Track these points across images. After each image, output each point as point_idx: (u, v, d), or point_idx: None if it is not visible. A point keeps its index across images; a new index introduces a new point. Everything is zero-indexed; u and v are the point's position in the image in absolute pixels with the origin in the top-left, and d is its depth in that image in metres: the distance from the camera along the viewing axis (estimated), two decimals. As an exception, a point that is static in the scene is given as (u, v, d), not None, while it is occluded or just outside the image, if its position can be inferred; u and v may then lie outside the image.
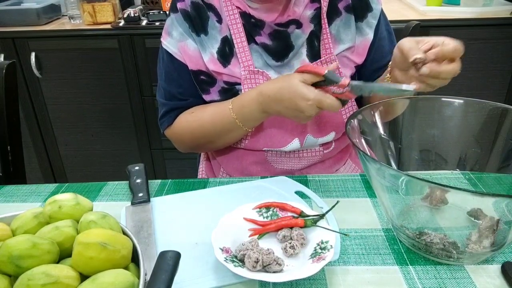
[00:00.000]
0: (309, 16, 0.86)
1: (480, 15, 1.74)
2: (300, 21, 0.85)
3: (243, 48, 0.85)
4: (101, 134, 1.97)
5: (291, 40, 0.86)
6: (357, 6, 0.87)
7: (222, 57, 0.87)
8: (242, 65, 0.85)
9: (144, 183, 0.79)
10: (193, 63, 0.88)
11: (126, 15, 1.75)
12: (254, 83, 0.86)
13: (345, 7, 0.87)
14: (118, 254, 0.49)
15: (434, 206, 0.67)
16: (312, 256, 0.59)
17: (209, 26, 0.87)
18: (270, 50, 0.86)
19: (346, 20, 0.87)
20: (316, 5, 0.86)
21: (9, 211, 0.59)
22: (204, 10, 0.87)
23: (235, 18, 0.85)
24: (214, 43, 0.87)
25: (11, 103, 1.06)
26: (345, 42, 0.87)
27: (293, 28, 0.85)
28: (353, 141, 0.61)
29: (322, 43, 0.87)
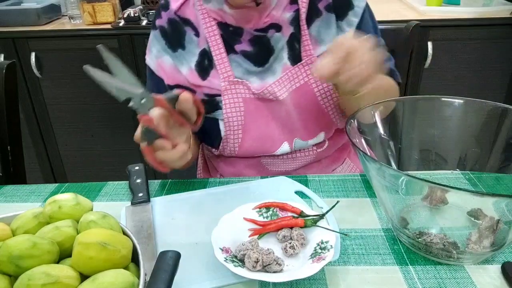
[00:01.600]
0: (288, 18, 0.85)
1: (480, 15, 1.74)
2: (280, 24, 0.84)
3: (222, 59, 0.85)
4: (101, 134, 1.97)
5: (271, 44, 0.85)
6: (338, 4, 0.86)
7: (200, 70, 0.87)
8: (222, 76, 0.85)
9: (144, 183, 0.79)
10: (170, 79, 0.89)
11: (126, 15, 1.75)
12: (234, 93, 0.85)
13: (325, 7, 0.86)
14: (118, 254, 0.49)
15: (434, 206, 0.67)
16: (312, 256, 0.59)
17: (186, 41, 0.88)
18: (250, 57, 0.86)
19: (326, 20, 0.86)
20: (295, 7, 0.85)
21: (9, 211, 0.59)
22: (180, 25, 0.88)
23: (213, 30, 0.85)
24: (192, 56, 0.87)
25: (11, 103, 1.06)
26: (326, 42, 0.86)
27: (273, 32, 0.85)
28: (353, 141, 0.61)
29: (302, 45, 0.85)
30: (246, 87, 0.85)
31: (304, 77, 0.86)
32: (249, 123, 0.87)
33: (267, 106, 0.87)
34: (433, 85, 1.84)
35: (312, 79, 0.86)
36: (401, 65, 1.10)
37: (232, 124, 0.86)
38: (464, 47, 1.78)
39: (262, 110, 0.87)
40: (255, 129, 0.87)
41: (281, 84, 0.85)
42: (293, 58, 0.86)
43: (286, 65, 0.86)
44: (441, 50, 1.75)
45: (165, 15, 0.89)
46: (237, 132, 0.87)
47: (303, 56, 0.86)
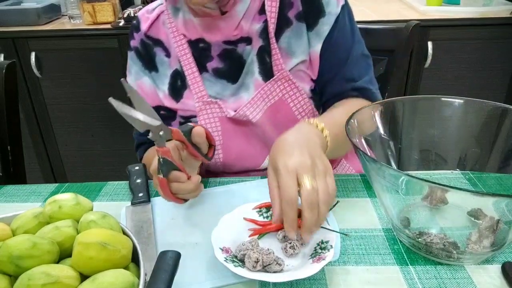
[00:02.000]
0: (258, 30, 0.81)
1: (480, 15, 1.74)
2: (250, 37, 0.81)
3: (195, 79, 0.84)
4: (101, 134, 1.97)
5: (243, 59, 0.82)
6: (308, 12, 0.80)
7: (173, 92, 0.86)
8: (196, 96, 0.84)
9: (144, 183, 0.79)
10: (151, 100, 0.88)
11: (126, 15, 1.75)
12: (209, 113, 0.84)
13: (296, 15, 0.80)
14: (118, 254, 0.49)
15: (434, 206, 0.67)
16: (312, 256, 0.59)
17: (158, 63, 0.87)
18: (223, 74, 0.84)
19: (297, 30, 0.81)
20: (264, 17, 0.80)
21: (9, 211, 0.59)
22: (151, 47, 0.87)
23: (184, 48, 0.83)
24: (164, 79, 0.86)
25: (11, 103, 1.06)
26: (297, 55, 0.81)
27: (243, 45, 0.82)
28: (353, 141, 0.61)
29: (273, 59, 0.81)
30: (220, 108, 0.83)
31: (278, 92, 0.82)
32: (228, 142, 0.85)
33: (244, 125, 0.85)
34: (433, 85, 1.84)
35: (287, 94, 0.82)
36: (401, 65, 1.10)
37: None
38: (464, 47, 1.77)
39: (240, 128, 0.85)
40: (235, 147, 0.86)
41: (254, 105, 0.82)
42: (265, 72, 0.82)
43: (257, 81, 0.82)
44: (441, 50, 1.75)
45: (137, 36, 0.88)
46: (218, 152, 0.86)
47: (274, 71, 0.82)
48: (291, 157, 0.56)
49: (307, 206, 0.54)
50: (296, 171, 0.55)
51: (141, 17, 0.89)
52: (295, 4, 0.81)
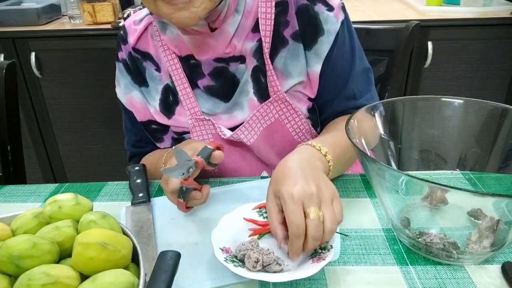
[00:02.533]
0: (251, 49, 0.77)
1: (480, 15, 1.74)
2: (243, 55, 0.77)
3: (187, 95, 0.80)
4: (101, 134, 1.97)
5: (236, 78, 0.79)
6: (305, 31, 0.76)
7: (165, 108, 0.83)
8: (189, 112, 0.81)
9: (144, 183, 0.79)
10: (141, 115, 0.86)
11: (126, 15, 1.75)
12: (203, 129, 0.82)
13: (292, 35, 0.76)
14: (118, 254, 0.49)
15: (434, 206, 0.67)
16: (312, 256, 0.59)
17: (148, 77, 0.83)
18: (215, 91, 0.81)
19: (293, 50, 0.77)
20: (258, 36, 0.76)
21: (9, 211, 0.59)
22: (140, 61, 0.83)
23: (175, 63, 0.80)
24: (155, 94, 0.83)
25: (11, 103, 1.06)
26: (294, 76, 0.78)
27: (236, 64, 0.78)
28: (353, 141, 0.61)
29: (268, 80, 0.77)
30: (214, 126, 0.81)
31: (275, 114, 0.80)
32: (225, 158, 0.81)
33: (239, 145, 0.84)
34: (433, 85, 1.84)
35: (284, 115, 0.80)
36: (401, 65, 1.10)
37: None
38: (464, 47, 1.77)
39: (234, 147, 0.84)
40: (232, 162, 0.84)
41: (249, 128, 0.80)
42: (260, 93, 0.79)
43: (253, 101, 0.80)
44: (441, 50, 1.75)
45: (124, 48, 0.85)
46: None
47: (270, 92, 0.79)
48: (295, 186, 0.55)
49: (312, 238, 0.54)
50: (302, 200, 0.54)
51: (128, 28, 0.85)
52: (291, 23, 0.76)
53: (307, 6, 0.75)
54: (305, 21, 0.76)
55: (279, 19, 0.76)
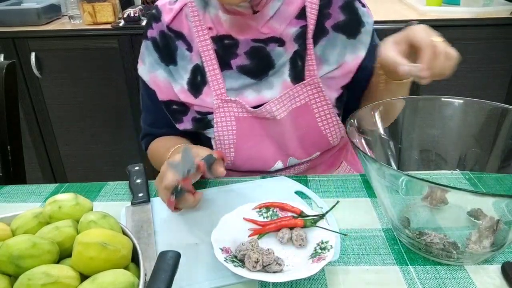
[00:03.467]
0: (293, 34, 0.82)
1: (480, 15, 1.74)
2: (282, 39, 0.82)
3: (215, 76, 0.83)
4: (101, 134, 1.97)
5: (272, 58, 0.82)
6: (347, 23, 0.82)
7: (192, 88, 0.84)
8: (215, 93, 0.83)
9: (144, 183, 0.79)
10: (164, 94, 0.87)
11: (126, 15, 1.75)
12: (227, 111, 0.83)
13: (333, 26, 0.82)
14: (118, 254, 0.49)
15: (434, 206, 0.67)
16: (312, 256, 0.59)
17: (178, 56, 0.85)
18: (247, 71, 0.83)
19: (333, 40, 0.83)
20: (302, 23, 0.82)
21: (9, 211, 0.59)
22: (172, 40, 0.85)
23: (207, 44, 0.82)
24: (184, 73, 0.85)
25: (11, 103, 1.06)
26: (330, 63, 0.83)
27: (274, 45, 0.82)
28: (353, 141, 0.61)
29: (306, 64, 0.82)
30: (240, 106, 0.83)
31: (306, 97, 0.83)
32: (242, 142, 0.85)
33: (262, 125, 0.85)
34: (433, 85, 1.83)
35: (313, 100, 0.83)
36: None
37: (224, 143, 0.85)
38: (464, 47, 1.77)
39: (256, 129, 0.85)
40: (248, 148, 0.86)
41: (281, 103, 0.83)
42: (294, 75, 0.83)
43: (286, 82, 0.83)
44: (441, 50, 1.74)
45: (156, 26, 0.86)
46: (228, 151, 0.85)
47: (306, 75, 0.83)
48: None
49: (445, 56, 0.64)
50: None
51: (162, 8, 0.87)
52: (333, 16, 0.83)
53: (351, 2, 0.83)
54: (349, 14, 0.83)
55: (322, 11, 0.82)
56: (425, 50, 0.64)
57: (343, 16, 0.83)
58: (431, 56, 0.64)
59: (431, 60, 0.64)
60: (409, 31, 0.67)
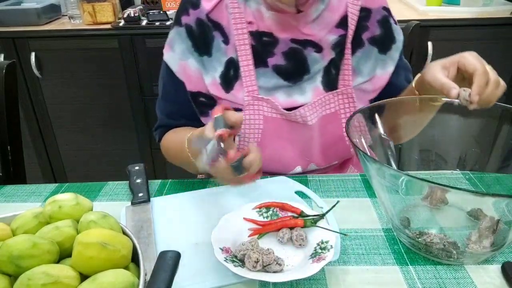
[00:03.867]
0: (331, 42, 0.82)
1: (480, 15, 1.74)
2: (321, 45, 0.81)
3: (249, 72, 0.81)
4: (101, 134, 1.97)
5: (307, 63, 0.82)
6: (382, 38, 0.84)
7: (225, 82, 0.82)
8: (246, 89, 0.81)
9: (144, 183, 0.79)
10: (193, 84, 0.84)
11: (126, 15, 1.75)
12: (256, 109, 0.82)
13: (369, 39, 0.84)
14: (118, 254, 0.49)
15: (434, 206, 0.67)
16: (312, 256, 0.59)
17: (214, 48, 0.82)
18: (282, 71, 0.82)
19: (368, 52, 0.84)
20: (341, 32, 0.82)
21: (9, 211, 0.59)
22: (209, 30, 0.82)
23: (244, 38, 0.80)
24: (218, 66, 0.82)
25: (11, 103, 1.06)
26: (363, 75, 0.84)
27: (311, 50, 0.81)
28: (353, 141, 0.61)
29: (341, 73, 0.83)
30: (271, 105, 0.82)
31: (336, 105, 0.84)
32: (265, 142, 0.84)
33: (289, 128, 0.83)
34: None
35: (343, 109, 0.84)
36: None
37: (247, 141, 0.84)
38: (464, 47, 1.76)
39: (282, 131, 0.84)
40: (271, 150, 0.84)
41: (313, 109, 0.82)
42: (326, 83, 0.83)
43: (318, 89, 0.83)
44: (441, 50, 1.75)
45: (193, 13, 0.82)
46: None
47: (340, 84, 0.83)
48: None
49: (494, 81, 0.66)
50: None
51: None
52: (370, 29, 0.84)
53: (387, 17, 0.86)
54: (385, 29, 0.85)
55: (361, 22, 0.83)
56: (479, 76, 0.66)
57: (379, 31, 0.84)
58: (484, 83, 0.66)
59: (483, 87, 0.65)
60: (461, 57, 0.69)
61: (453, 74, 0.70)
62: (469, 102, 0.66)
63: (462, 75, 0.71)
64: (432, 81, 0.70)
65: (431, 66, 0.72)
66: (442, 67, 0.71)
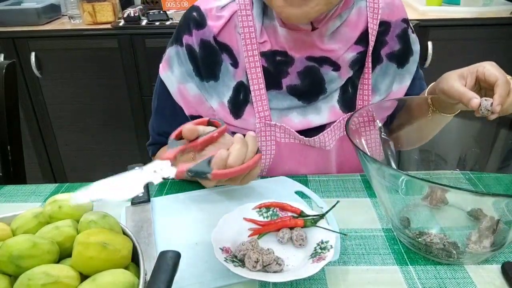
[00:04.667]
0: (349, 59, 0.77)
1: (480, 15, 1.74)
2: (338, 64, 0.77)
3: (261, 96, 0.75)
4: (101, 134, 1.97)
5: (324, 82, 0.77)
6: (401, 52, 0.81)
7: (234, 107, 0.77)
8: (258, 115, 0.76)
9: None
10: (193, 109, 0.79)
11: (126, 15, 1.75)
12: (268, 135, 0.78)
13: (388, 55, 0.80)
14: (118, 254, 0.49)
15: (434, 206, 0.67)
16: (312, 256, 0.59)
17: (222, 72, 0.76)
18: (297, 91, 0.77)
19: (385, 69, 0.80)
20: (360, 48, 0.77)
21: (9, 211, 0.59)
22: (216, 53, 0.76)
23: (255, 60, 0.74)
24: (226, 91, 0.77)
25: (11, 103, 1.06)
26: (381, 92, 0.81)
27: (328, 68, 0.77)
28: (353, 141, 0.61)
29: (359, 92, 0.79)
30: (284, 131, 0.78)
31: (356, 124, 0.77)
32: (277, 166, 0.82)
33: (304, 152, 0.81)
34: (433, 85, 1.84)
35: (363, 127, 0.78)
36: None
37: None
38: (464, 47, 1.77)
39: (295, 154, 0.81)
40: (283, 172, 0.82)
41: (332, 133, 0.80)
42: (343, 102, 0.79)
43: (334, 108, 0.79)
44: (441, 50, 1.75)
45: (196, 34, 0.76)
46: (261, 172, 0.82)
47: (358, 104, 0.80)
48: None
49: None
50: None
51: (206, 12, 0.76)
52: (389, 44, 0.80)
53: (406, 29, 0.81)
54: (403, 43, 0.81)
55: (380, 38, 0.79)
56: (501, 86, 0.65)
57: (398, 46, 0.80)
58: (506, 93, 0.65)
59: (505, 97, 0.65)
60: (479, 67, 0.69)
61: (471, 84, 0.68)
62: (491, 112, 0.64)
63: (479, 85, 0.69)
64: (449, 90, 0.68)
65: (448, 75, 0.70)
66: (459, 76, 0.69)
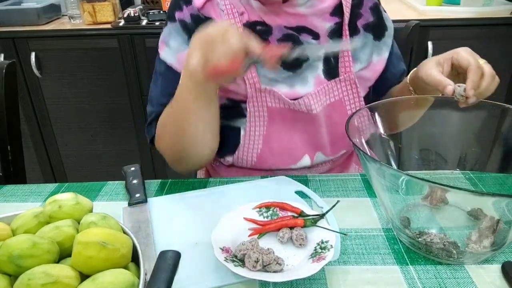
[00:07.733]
0: (328, 29, 0.82)
1: (480, 15, 1.74)
2: (316, 32, 0.82)
3: None
4: (101, 134, 1.97)
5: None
6: (375, 24, 0.86)
7: None
8: (247, 82, 0.80)
9: (141, 183, 0.79)
10: None
11: (126, 15, 1.75)
12: (260, 101, 0.82)
13: (364, 26, 0.85)
14: (118, 253, 0.49)
15: (434, 206, 0.67)
16: (312, 256, 0.59)
17: None
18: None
19: (363, 39, 0.85)
20: (337, 19, 0.83)
21: (9, 211, 0.59)
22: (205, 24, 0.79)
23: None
24: None
25: (11, 103, 1.06)
26: (361, 61, 0.85)
27: (308, 37, 0.82)
28: (353, 141, 0.61)
29: (341, 60, 0.84)
30: (275, 96, 0.81)
31: (340, 93, 0.84)
32: (272, 134, 0.84)
33: (294, 118, 0.84)
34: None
35: (347, 96, 0.85)
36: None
37: (254, 134, 0.84)
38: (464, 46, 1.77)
39: (287, 121, 0.84)
40: (277, 140, 0.84)
41: (317, 97, 0.83)
42: (328, 71, 0.84)
43: (319, 77, 0.83)
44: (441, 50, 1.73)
45: (186, 9, 0.83)
46: (257, 143, 0.84)
47: (340, 71, 0.84)
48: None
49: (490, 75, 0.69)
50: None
51: None
52: (364, 16, 0.86)
53: (377, 5, 0.88)
54: (377, 16, 0.87)
55: (354, 10, 0.85)
56: (473, 71, 0.67)
57: (372, 17, 0.86)
58: (478, 77, 0.67)
59: (478, 81, 0.67)
60: (454, 53, 0.71)
61: (448, 70, 0.71)
62: (465, 97, 0.67)
63: (456, 71, 0.72)
64: (427, 78, 0.71)
65: (425, 63, 0.73)
66: (436, 64, 0.72)
